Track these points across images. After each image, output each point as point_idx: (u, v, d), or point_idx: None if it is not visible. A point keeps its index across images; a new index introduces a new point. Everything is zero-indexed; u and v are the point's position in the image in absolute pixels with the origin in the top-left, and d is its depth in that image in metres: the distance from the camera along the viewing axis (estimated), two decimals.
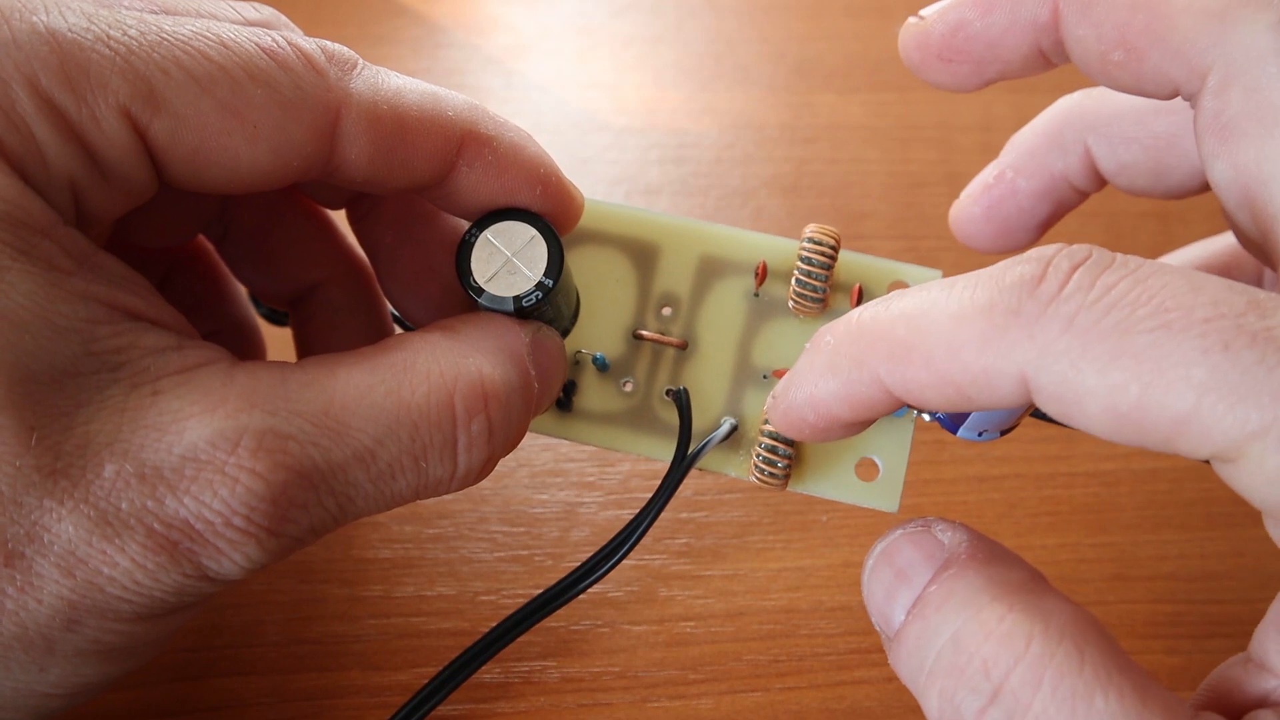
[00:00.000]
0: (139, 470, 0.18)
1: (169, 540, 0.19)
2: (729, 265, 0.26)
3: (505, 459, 0.32)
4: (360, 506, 0.21)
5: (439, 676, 0.24)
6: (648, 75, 0.45)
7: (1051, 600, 0.18)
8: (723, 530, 0.31)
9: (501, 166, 0.23)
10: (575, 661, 0.28)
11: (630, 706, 0.27)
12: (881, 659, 0.28)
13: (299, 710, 0.26)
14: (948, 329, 0.18)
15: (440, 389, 0.21)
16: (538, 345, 0.23)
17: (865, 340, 0.19)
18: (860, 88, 0.45)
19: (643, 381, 0.25)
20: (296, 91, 0.21)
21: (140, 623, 0.20)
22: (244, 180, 0.21)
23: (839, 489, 0.24)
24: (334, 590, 0.29)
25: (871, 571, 0.20)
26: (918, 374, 0.18)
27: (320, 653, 0.27)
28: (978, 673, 0.17)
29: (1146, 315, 0.16)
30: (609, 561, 0.24)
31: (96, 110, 0.19)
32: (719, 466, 0.25)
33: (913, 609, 0.19)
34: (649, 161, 0.42)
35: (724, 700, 0.27)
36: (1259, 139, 0.18)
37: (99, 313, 0.19)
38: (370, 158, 0.22)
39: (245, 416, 0.19)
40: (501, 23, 0.47)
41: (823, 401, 0.20)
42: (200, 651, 0.27)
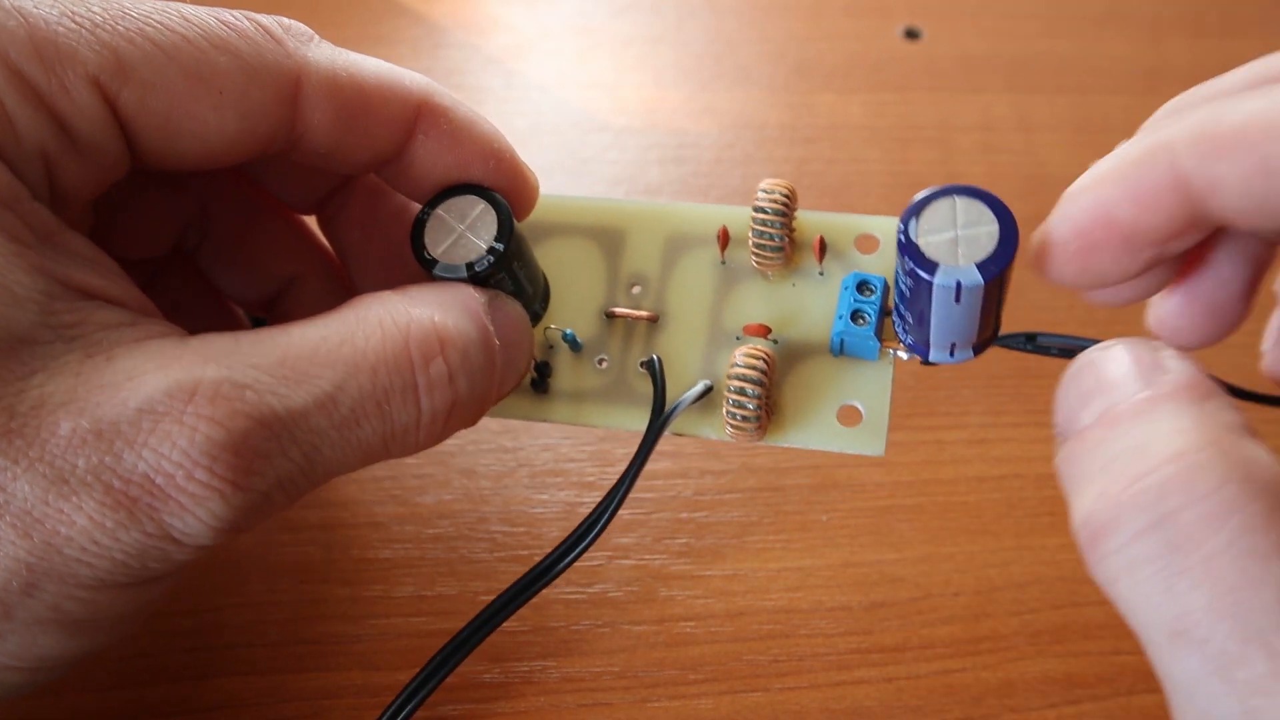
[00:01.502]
0: (95, 426, 0.18)
1: (128, 496, 0.18)
2: (693, 239, 0.26)
3: (505, 458, 0.32)
4: (328, 457, 0.20)
5: (431, 664, 0.24)
6: (648, 75, 0.45)
7: (1262, 454, 0.16)
8: (723, 530, 0.31)
9: (457, 137, 0.24)
10: (575, 661, 0.28)
11: (630, 706, 0.27)
12: (882, 659, 0.28)
13: (299, 710, 0.26)
14: (1263, 98, 0.17)
15: (394, 335, 0.21)
16: (496, 309, 0.23)
17: (1162, 130, 0.18)
18: (860, 88, 0.45)
19: (617, 358, 0.26)
20: (257, 58, 0.22)
21: (103, 590, 0.19)
22: (214, 149, 0.22)
23: (821, 438, 0.24)
24: (334, 590, 0.29)
25: (1074, 374, 0.19)
26: (1221, 151, 0.17)
27: (320, 653, 0.27)
28: (1152, 489, 0.15)
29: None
30: (593, 530, 0.23)
31: (66, 80, 0.20)
32: (695, 429, 0.25)
33: (1105, 413, 0.17)
34: (649, 161, 0.42)
35: (724, 700, 0.27)
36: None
37: (55, 288, 0.19)
38: (332, 124, 0.23)
39: (200, 369, 0.19)
40: (501, 23, 0.47)
41: (1104, 199, 0.19)
42: (200, 651, 0.27)
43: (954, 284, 0.20)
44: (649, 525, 0.30)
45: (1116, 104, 0.45)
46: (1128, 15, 0.49)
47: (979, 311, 0.20)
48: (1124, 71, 0.46)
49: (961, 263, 0.20)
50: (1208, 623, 0.14)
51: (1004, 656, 0.28)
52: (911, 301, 0.21)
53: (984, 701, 0.27)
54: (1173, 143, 0.18)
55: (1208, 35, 0.48)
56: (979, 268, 0.19)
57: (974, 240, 0.20)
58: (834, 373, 0.24)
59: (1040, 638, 0.28)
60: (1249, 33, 0.48)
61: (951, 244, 0.20)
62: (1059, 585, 0.29)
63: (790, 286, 0.26)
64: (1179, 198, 0.18)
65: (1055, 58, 0.47)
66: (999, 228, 0.20)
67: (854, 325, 0.24)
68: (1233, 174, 0.18)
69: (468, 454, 0.32)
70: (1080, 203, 0.19)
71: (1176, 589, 0.15)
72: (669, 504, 0.31)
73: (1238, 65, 0.20)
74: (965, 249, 0.20)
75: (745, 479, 0.32)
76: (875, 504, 0.31)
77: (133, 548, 0.19)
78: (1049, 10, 0.49)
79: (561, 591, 0.29)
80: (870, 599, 0.29)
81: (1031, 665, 0.28)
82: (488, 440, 0.32)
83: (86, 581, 0.19)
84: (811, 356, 0.25)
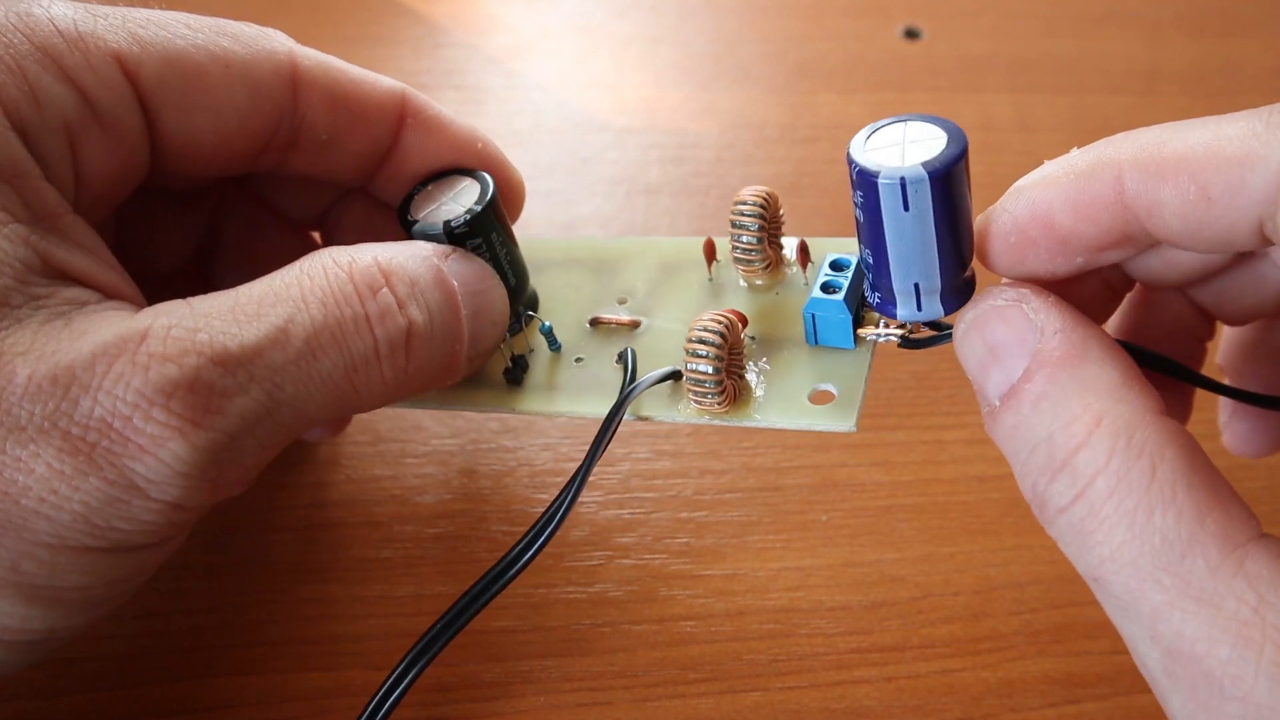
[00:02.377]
0: (51, 372, 0.19)
1: (85, 442, 0.18)
2: (685, 263, 0.27)
3: (505, 458, 0.32)
4: (291, 394, 0.21)
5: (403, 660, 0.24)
6: (648, 75, 0.45)
7: (1138, 410, 0.18)
8: (723, 530, 0.31)
9: (444, 127, 0.26)
10: (575, 661, 0.28)
11: (630, 706, 0.27)
12: (881, 659, 0.28)
13: (299, 710, 0.26)
14: (1210, 128, 0.18)
15: (336, 272, 0.22)
16: (455, 259, 0.24)
17: (1114, 147, 0.19)
18: (860, 88, 0.45)
19: (594, 357, 0.26)
20: (255, 41, 0.24)
21: (65, 552, 0.19)
22: (228, 127, 0.24)
23: (790, 415, 0.24)
24: (334, 590, 0.29)
25: (964, 335, 0.21)
26: (1165, 173, 0.18)
27: (320, 653, 0.27)
28: (1067, 475, 0.18)
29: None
30: (561, 507, 0.24)
31: (90, 55, 0.21)
32: (663, 413, 0.25)
33: (1008, 398, 0.19)
34: (649, 161, 0.42)
35: (724, 700, 0.27)
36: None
37: (36, 261, 0.20)
38: (328, 106, 0.25)
39: (149, 319, 0.20)
40: (501, 23, 0.47)
41: (1047, 202, 0.20)
42: (200, 651, 0.27)
43: (898, 181, 0.19)
44: (649, 525, 0.30)
45: (1116, 104, 0.45)
46: (1128, 15, 0.49)
47: (931, 223, 0.20)
48: (1124, 71, 0.46)
49: (906, 163, 0.20)
50: (1110, 570, 0.18)
51: (1004, 656, 0.28)
52: (867, 228, 0.20)
53: (984, 701, 0.27)
54: (1120, 161, 0.19)
55: (1208, 35, 0.48)
56: (924, 165, 0.19)
57: (920, 145, 0.20)
58: (810, 360, 0.24)
59: (1040, 638, 0.28)
60: (1249, 33, 0.48)
61: (898, 153, 0.20)
62: (1059, 585, 0.29)
63: (774, 295, 0.26)
64: (1118, 214, 0.19)
65: (1055, 58, 0.47)
66: (946, 136, 0.20)
67: (823, 294, 0.24)
68: (1173, 199, 0.19)
69: (468, 454, 0.32)
70: (1023, 200, 0.20)
71: (1089, 546, 0.18)
72: (669, 504, 0.31)
73: (1238, 65, 0.20)
74: (911, 153, 0.20)
75: (745, 479, 0.32)
76: (875, 504, 0.31)
77: (93, 498, 0.19)
78: (1049, 10, 0.49)
79: (562, 591, 0.29)
80: (870, 599, 0.29)
81: (1031, 665, 0.28)
82: (488, 440, 0.32)
83: (46, 538, 0.19)
84: (788, 347, 0.25)
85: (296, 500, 0.30)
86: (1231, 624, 0.17)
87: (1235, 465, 0.33)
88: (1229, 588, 0.17)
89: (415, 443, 0.32)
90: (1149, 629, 0.18)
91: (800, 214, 0.40)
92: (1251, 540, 0.17)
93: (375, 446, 0.32)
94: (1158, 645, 0.18)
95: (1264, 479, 0.32)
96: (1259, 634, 0.17)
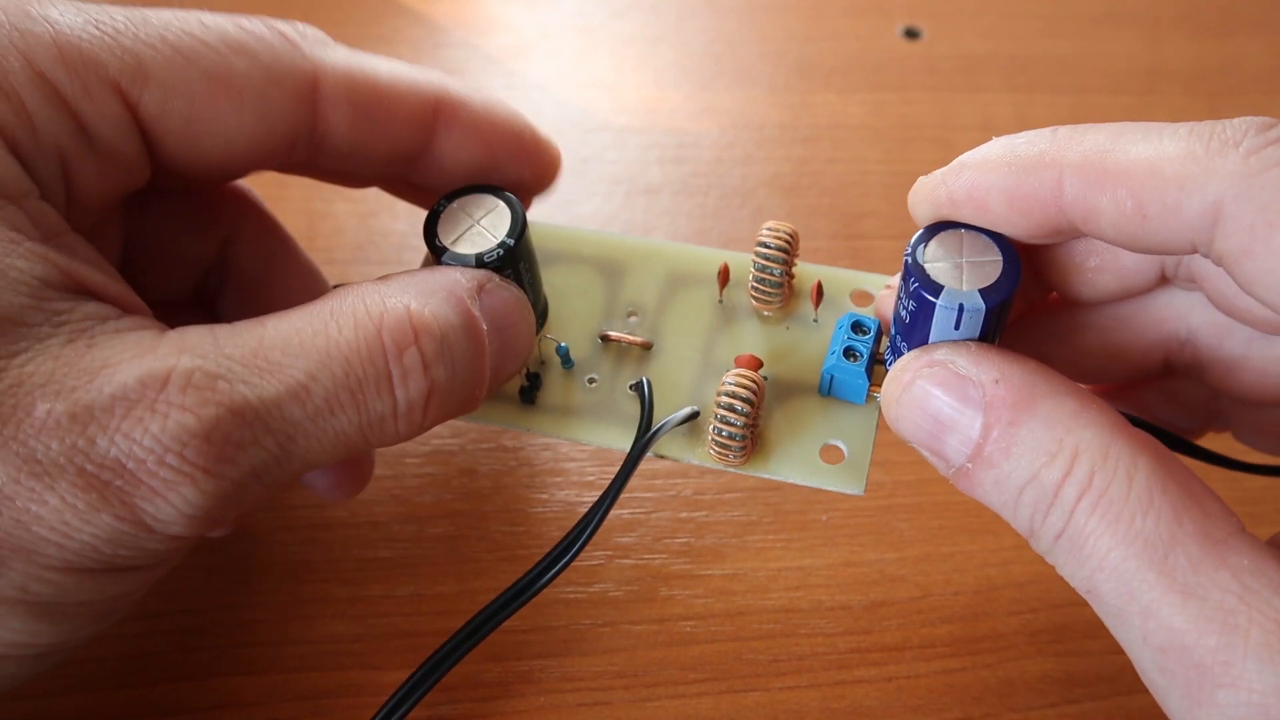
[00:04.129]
0: (70, 410, 0.19)
1: (99, 480, 0.19)
2: (693, 278, 0.27)
3: (505, 458, 0.32)
4: (303, 447, 0.20)
5: (421, 668, 0.24)
6: (648, 75, 0.45)
7: (1106, 431, 0.19)
8: (723, 530, 0.31)
9: (479, 125, 0.25)
10: (575, 661, 0.28)
11: (630, 706, 0.27)
12: (881, 659, 0.28)
13: (299, 710, 0.26)
14: (1154, 143, 0.18)
15: (366, 325, 0.21)
16: (489, 292, 0.23)
17: (1059, 144, 0.19)
18: (860, 88, 0.45)
19: (607, 379, 0.26)
20: (275, 59, 0.23)
21: (71, 574, 0.19)
22: (236, 152, 0.23)
23: (802, 472, 0.24)
24: (334, 590, 0.29)
25: (900, 413, 0.21)
26: (1105, 184, 0.19)
27: (320, 653, 0.27)
28: (1058, 507, 0.19)
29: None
30: (579, 540, 0.23)
31: (88, 84, 0.21)
32: (680, 453, 0.25)
33: (977, 458, 0.20)
34: (649, 161, 0.42)
35: (724, 700, 0.27)
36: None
37: (53, 275, 0.20)
38: (351, 122, 0.23)
39: (174, 359, 0.19)
40: (501, 23, 0.47)
41: (985, 188, 0.20)
42: (200, 651, 0.27)
43: (957, 306, 0.20)
44: (649, 525, 0.30)
45: (1116, 104, 0.45)
46: (1128, 15, 0.49)
47: (976, 338, 0.21)
48: (1124, 71, 0.46)
49: (965, 287, 0.20)
50: (1101, 579, 0.19)
51: (1004, 656, 0.28)
52: (911, 327, 0.21)
53: (984, 701, 0.27)
54: (1062, 163, 0.19)
55: (1208, 35, 0.48)
56: (981, 293, 0.20)
57: (978, 268, 0.20)
58: (820, 412, 0.25)
59: (1040, 637, 0.28)
60: (1249, 33, 0.48)
61: (956, 270, 0.20)
62: (1059, 585, 0.29)
63: (784, 330, 0.26)
64: (1052, 213, 0.20)
65: (1055, 58, 0.47)
66: (1003, 261, 0.20)
67: (845, 361, 0.24)
68: (1110, 210, 0.19)
69: (468, 454, 0.32)
70: (963, 178, 0.21)
71: (1081, 561, 0.19)
72: (669, 504, 0.31)
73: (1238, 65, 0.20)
74: (969, 275, 0.20)
75: (745, 479, 0.32)
76: (875, 504, 0.31)
77: (103, 531, 0.19)
78: (1049, 10, 0.49)
79: (561, 591, 0.29)
80: (870, 599, 0.29)
81: (1031, 665, 0.28)
82: (488, 440, 0.32)
83: (55, 563, 0.19)
84: (799, 395, 0.25)
85: (296, 500, 0.30)
86: (1218, 613, 0.17)
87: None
88: (1212, 580, 0.18)
89: (415, 443, 0.32)
90: (1141, 630, 0.18)
91: (800, 214, 0.40)
92: (1231, 535, 0.18)
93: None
94: (1150, 645, 0.18)
95: (1264, 479, 0.32)
96: (1244, 619, 0.17)
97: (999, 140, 0.21)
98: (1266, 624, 0.17)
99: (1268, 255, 0.17)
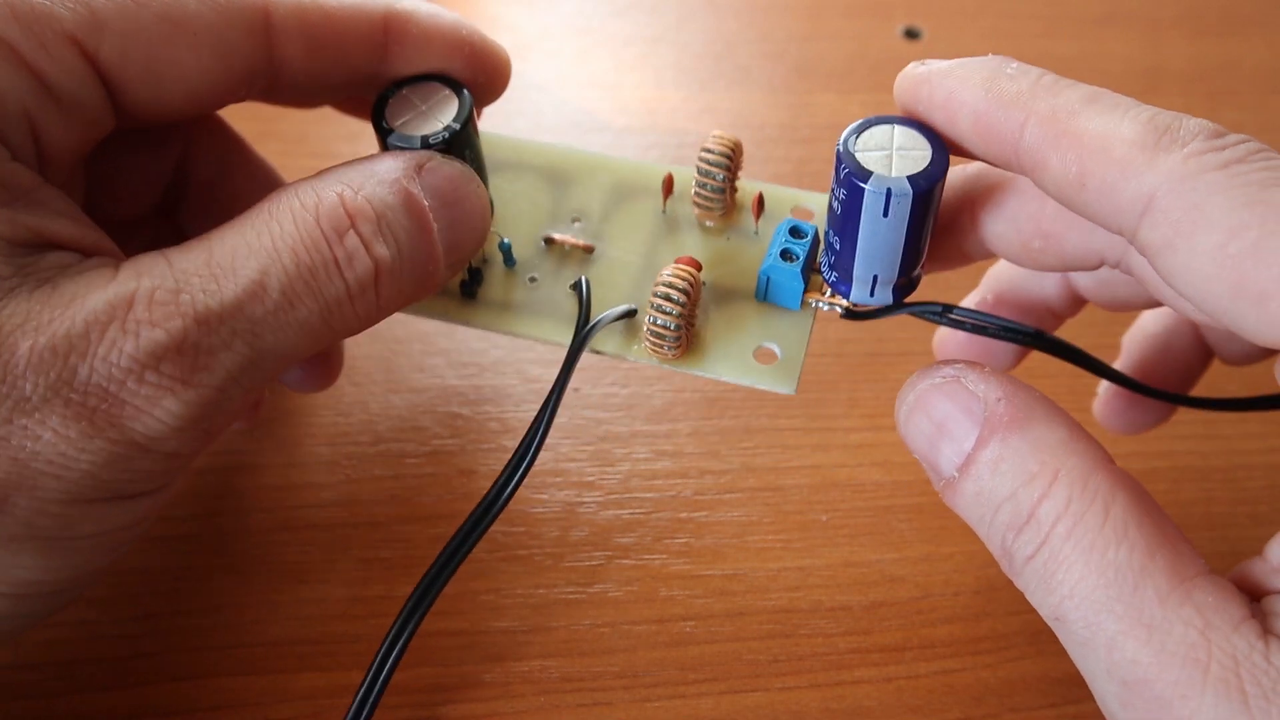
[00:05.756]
0: (50, 343, 0.19)
1: (86, 407, 0.20)
2: (639, 188, 0.28)
3: (505, 458, 0.32)
4: (272, 343, 0.21)
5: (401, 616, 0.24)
6: (648, 75, 0.45)
7: (1089, 461, 0.20)
8: (723, 530, 0.31)
9: (429, 35, 0.25)
10: (575, 661, 0.28)
11: (630, 706, 0.27)
12: (881, 659, 0.28)
13: (299, 710, 0.26)
14: (1115, 120, 0.19)
15: (304, 216, 0.22)
16: (430, 170, 0.24)
17: (1038, 91, 0.20)
18: (860, 88, 0.45)
19: (548, 277, 0.26)
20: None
21: (75, 505, 0.20)
22: (196, 91, 0.23)
23: (735, 370, 0.25)
24: (334, 590, 0.29)
25: (908, 418, 0.22)
26: (1059, 144, 0.19)
27: (320, 653, 0.27)
28: (1032, 527, 0.20)
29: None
30: (534, 441, 0.24)
31: (45, 40, 0.21)
32: (617, 349, 0.25)
33: (965, 469, 0.21)
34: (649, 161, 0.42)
35: (724, 700, 0.27)
36: (1220, 227, 0.18)
37: (21, 234, 0.21)
38: (306, 51, 0.24)
39: (134, 282, 0.20)
40: (501, 23, 0.47)
41: (959, 102, 0.21)
42: (200, 651, 0.27)
43: (885, 191, 0.21)
44: (649, 525, 0.30)
45: None
46: (1128, 15, 0.49)
47: (904, 231, 0.21)
48: (1124, 71, 0.46)
49: (894, 174, 0.21)
50: (1069, 606, 0.19)
51: (1004, 656, 0.28)
52: (841, 219, 0.22)
53: (984, 701, 0.27)
54: (1031, 111, 0.20)
55: (1208, 35, 0.48)
56: (909, 179, 0.21)
57: (907, 158, 0.21)
58: (756, 316, 0.25)
59: (1040, 637, 0.28)
60: (1249, 33, 0.48)
61: (886, 159, 0.21)
62: None
63: (725, 240, 0.27)
64: (1009, 149, 0.20)
65: (1055, 58, 0.47)
66: (932, 152, 0.21)
67: (782, 262, 0.25)
68: (1056, 169, 0.20)
69: (468, 454, 0.32)
70: (946, 85, 0.21)
71: (1051, 587, 0.19)
72: (669, 504, 0.31)
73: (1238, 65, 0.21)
74: (899, 164, 0.21)
75: (745, 479, 0.32)
76: (875, 504, 0.31)
77: (99, 457, 0.20)
78: (1049, 10, 0.49)
79: (561, 591, 0.29)
80: (870, 599, 0.29)
81: (1031, 665, 0.28)
82: (488, 440, 0.32)
83: (57, 495, 0.20)
84: (736, 301, 0.26)
85: (296, 500, 0.30)
86: (1180, 648, 0.18)
87: (1235, 465, 0.33)
88: (1177, 615, 0.18)
89: (415, 443, 0.32)
90: (1105, 661, 0.19)
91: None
92: (1199, 574, 0.19)
93: (375, 446, 0.32)
94: (1113, 677, 0.19)
95: (1264, 479, 0.32)
96: (1205, 654, 0.18)
97: (995, 58, 0.21)
98: (1226, 660, 0.17)
99: (1187, 252, 0.18)
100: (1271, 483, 0.32)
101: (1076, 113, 0.20)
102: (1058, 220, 0.22)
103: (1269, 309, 0.17)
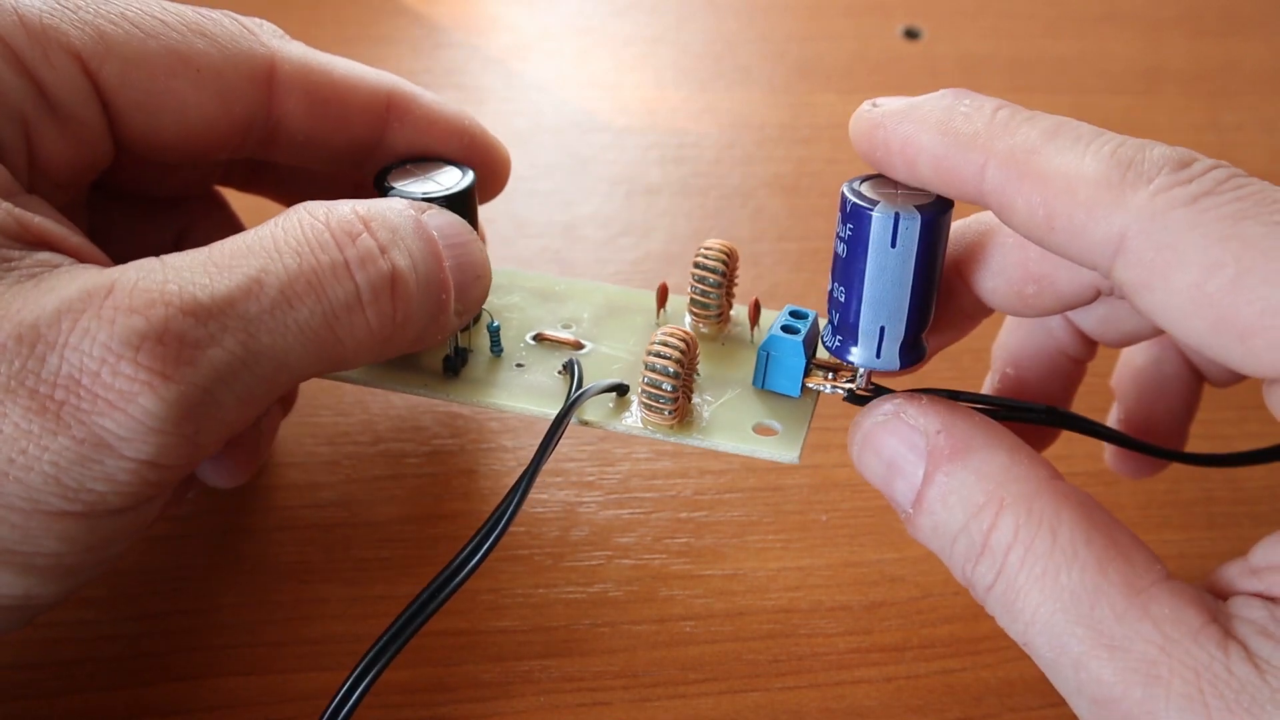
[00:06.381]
0: (16, 331, 0.18)
1: (52, 400, 0.18)
2: (632, 307, 0.28)
3: (505, 458, 0.32)
4: (269, 344, 0.20)
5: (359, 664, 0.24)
6: (648, 75, 0.45)
7: (1031, 485, 0.20)
8: (723, 530, 0.31)
9: (431, 119, 0.26)
10: (575, 661, 0.28)
11: (630, 706, 0.27)
12: (881, 659, 0.28)
13: (299, 710, 0.26)
14: (1077, 157, 0.18)
15: (310, 223, 0.21)
16: (432, 215, 0.23)
17: (994, 129, 0.20)
18: (860, 88, 0.45)
19: (535, 365, 0.26)
20: (232, 41, 0.23)
21: (38, 517, 0.18)
22: (194, 129, 0.23)
23: (734, 439, 0.24)
24: (334, 590, 0.29)
25: (859, 457, 0.22)
26: (1023, 186, 0.19)
27: (320, 653, 0.27)
28: (987, 558, 0.20)
29: (1268, 210, 0.17)
30: (515, 500, 0.23)
31: (49, 51, 0.21)
32: (608, 421, 0.25)
33: (918, 505, 0.21)
34: (649, 161, 0.42)
35: (724, 700, 0.27)
36: (1191, 265, 0.18)
37: (8, 225, 0.20)
38: (307, 109, 0.24)
39: (118, 273, 0.19)
40: (501, 23, 0.47)
41: (917, 148, 0.20)
42: (200, 651, 0.27)
43: (893, 216, 0.20)
44: (649, 525, 0.30)
45: (1116, 104, 0.45)
46: (1128, 15, 0.49)
47: (913, 266, 0.21)
48: (1124, 71, 0.46)
49: (900, 204, 0.21)
50: (1034, 633, 0.19)
51: (1004, 656, 0.28)
52: (847, 261, 0.21)
53: (984, 701, 0.27)
54: (991, 151, 0.19)
55: (1207, 35, 0.48)
56: (917, 207, 0.21)
57: (912, 196, 0.21)
58: (755, 399, 0.25)
59: None
60: (1249, 33, 0.48)
61: (891, 196, 0.21)
62: None
63: (720, 345, 0.27)
64: (972, 192, 0.20)
65: (1055, 58, 0.47)
66: (937, 196, 0.21)
67: (782, 333, 0.24)
68: (1023, 210, 0.19)
69: (468, 454, 0.32)
70: (900, 130, 0.21)
71: (1014, 615, 0.20)
72: (669, 504, 0.31)
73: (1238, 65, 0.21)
74: (904, 198, 0.21)
75: (745, 479, 0.32)
76: (875, 504, 0.31)
77: (63, 457, 0.18)
78: (1049, 10, 0.49)
79: (562, 591, 0.29)
80: (870, 599, 0.29)
81: (1031, 665, 0.28)
82: (488, 440, 0.32)
83: (17, 501, 0.18)
84: (734, 386, 0.26)
85: (296, 500, 0.31)
86: (1141, 664, 0.18)
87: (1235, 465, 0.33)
88: (1136, 631, 0.18)
89: (415, 443, 0.32)
90: (1074, 681, 0.19)
91: (800, 214, 0.40)
92: (1155, 584, 0.19)
93: (375, 446, 0.32)
94: (1084, 697, 0.19)
95: (1264, 479, 0.32)
96: (1166, 670, 0.18)
97: (948, 94, 0.21)
98: (1186, 674, 0.18)
99: (1164, 292, 0.18)
100: (1272, 483, 0.32)
101: (1036, 150, 0.19)
102: (1043, 262, 0.22)
103: (1252, 345, 0.17)
